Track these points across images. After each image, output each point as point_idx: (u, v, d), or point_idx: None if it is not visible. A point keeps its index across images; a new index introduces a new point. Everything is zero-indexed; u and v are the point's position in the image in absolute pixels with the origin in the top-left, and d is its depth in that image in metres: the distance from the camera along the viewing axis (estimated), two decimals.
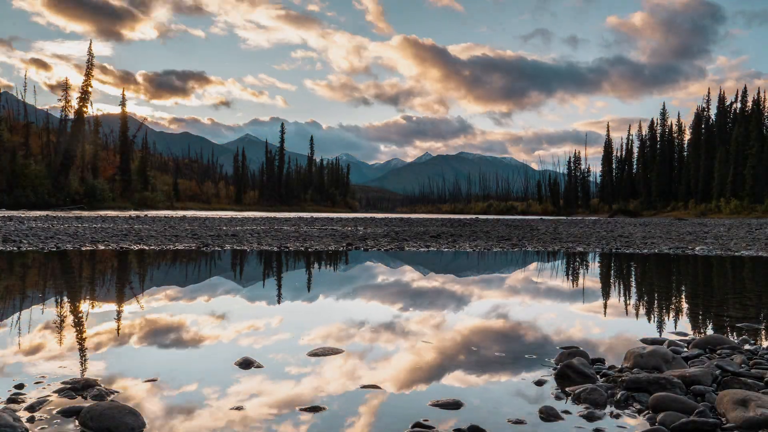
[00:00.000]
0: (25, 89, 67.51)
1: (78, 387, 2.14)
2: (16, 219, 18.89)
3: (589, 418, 1.95)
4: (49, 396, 2.06)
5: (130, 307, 4.04)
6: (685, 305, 4.53)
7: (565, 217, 56.88)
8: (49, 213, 29.04)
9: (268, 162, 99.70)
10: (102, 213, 32.08)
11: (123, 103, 69.63)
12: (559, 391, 2.23)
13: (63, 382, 2.19)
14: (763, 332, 3.34)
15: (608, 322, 3.71)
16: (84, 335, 3.11)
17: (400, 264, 7.77)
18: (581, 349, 2.74)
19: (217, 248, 9.40)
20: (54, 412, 1.91)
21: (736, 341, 2.95)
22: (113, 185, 63.07)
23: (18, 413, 1.88)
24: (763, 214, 49.77)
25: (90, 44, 62.97)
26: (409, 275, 6.43)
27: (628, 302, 4.70)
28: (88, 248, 8.92)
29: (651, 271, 7.34)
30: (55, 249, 8.65)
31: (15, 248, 8.55)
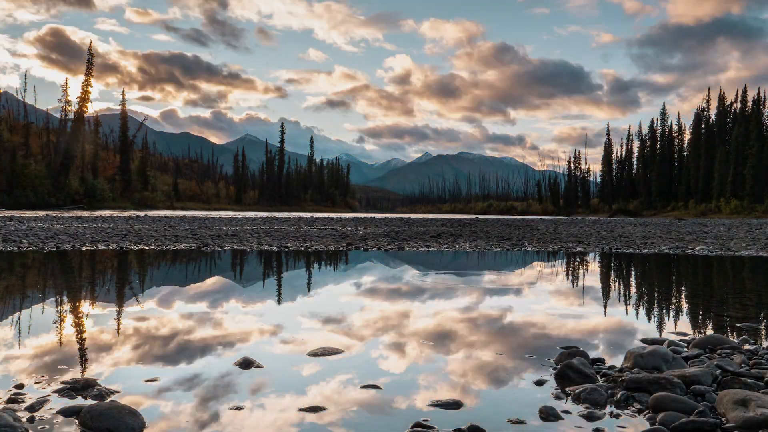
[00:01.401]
0: (25, 89, 67.45)
1: (78, 387, 2.14)
2: (16, 219, 18.89)
3: (589, 418, 1.95)
4: (49, 396, 2.06)
5: (130, 307, 4.04)
6: (685, 305, 4.53)
7: (565, 217, 56.88)
8: (49, 213, 29.04)
9: (268, 162, 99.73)
10: (102, 213, 32.08)
11: (123, 103, 69.66)
12: (559, 391, 2.23)
13: (63, 382, 2.19)
14: (763, 332, 3.34)
15: (608, 322, 3.71)
16: (84, 335, 3.11)
17: (400, 264, 7.77)
18: (581, 349, 2.73)
19: (217, 248, 9.40)
20: (54, 412, 1.91)
21: (736, 341, 2.95)
22: (113, 185, 63.08)
23: (18, 413, 1.88)
24: (763, 214, 49.76)
25: (90, 44, 62.97)
26: (409, 275, 6.43)
27: (628, 302, 4.70)
28: (88, 248, 8.92)
29: (651, 271, 7.34)
30: (55, 249, 8.65)
31: (15, 248, 8.55)
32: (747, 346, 2.86)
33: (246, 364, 2.54)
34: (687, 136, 70.52)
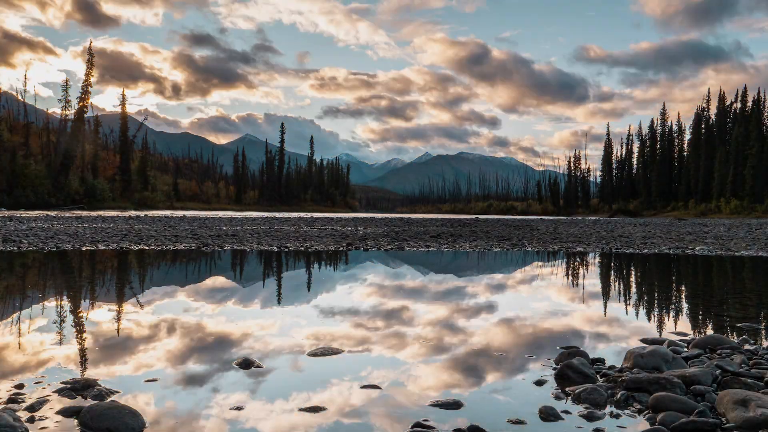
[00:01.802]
0: (25, 89, 67.44)
1: (78, 387, 2.14)
2: (16, 219, 18.89)
3: (589, 418, 1.95)
4: (49, 396, 2.06)
5: (130, 307, 4.04)
6: (685, 305, 4.53)
7: (565, 217, 56.87)
8: (49, 213, 29.03)
9: (268, 162, 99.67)
10: (102, 213, 32.07)
11: (123, 103, 69.64)
12: (559, 391, 2.23)
13: (63, 382, 2.19)
14: (763, 332, 3.34)
15: (608, 322, 3.71)
16: (84, 335, 3.11)
17: (400, 264, 7.77)
18: (581, 349, 2.74)
19: (217, 248, 9.40)
20: (54, 412, 1.91)
21: (736, 341, 2.95)
22: (113, 185, 63.04)
23: (18, 413, 1.88)
24: (763, 214, 49.75)
25: (90, 43, 62.96)
26: (409, 275, 6.43)
27: (628, 302, 4.70)
28: (88, 248, 8.92)
29: (651, 271, 7.34)
30: (55, 249, 8.65)
31: (15, 248, 8.54)
32: (747, 346, 2.86)
33: (246, 364, 2.54)
34: (687, 136, 70.55)
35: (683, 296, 5.02)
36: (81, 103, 60.62)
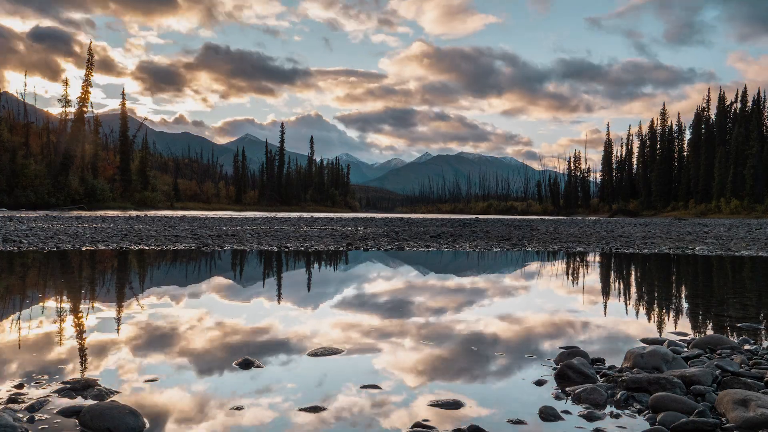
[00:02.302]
0: (25, 90, 67.48)
1: (78, 387, 2.14)
2: (16, 219, 18.88)
3: (589, 418, 1.95)
4: (49, 396, 2.06)
5: (130, 307, 4.04)
6: (685, 305, 4.53)
7: (565, 217, 56.86)
8: (49, 213, 29.03)
9: (268, 162, 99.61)
10: (102, 213, 32.06)
11: (123, 103, 69.62)
12: (559, 391, 2.23)
13: (63, 382, 2.19)
14: (763, 332, 3.34)
15: (608, 322, 3.71)
16: (84, 335, 3.11)
17: (400, 264, 7.77)
18: (581, 349, 2.74)
19: (217, 248, 9.40)
20: (54, 412, 1.91)
21: (736, 341, 2.95)
22: (113, 185, 62.99)
23: (18, 413, 1.88)
24: (763, 214, 49.76)
25: (90, 43, 62.94)
26: (409, 275, 6.43)
27: (628, 302, 4.70)
28: (88, 248, 8.92)
29: (651, 271, 7.34)
30: (55, 249, 8.65)
31: (15, 248, 8.54)
32: (747, 346, 2.86)
33: (246, 364, 2.54)
34: (687, 136, 70.58)
35: (683, 296, 5.02)
36: (81, 103, 60.62)
